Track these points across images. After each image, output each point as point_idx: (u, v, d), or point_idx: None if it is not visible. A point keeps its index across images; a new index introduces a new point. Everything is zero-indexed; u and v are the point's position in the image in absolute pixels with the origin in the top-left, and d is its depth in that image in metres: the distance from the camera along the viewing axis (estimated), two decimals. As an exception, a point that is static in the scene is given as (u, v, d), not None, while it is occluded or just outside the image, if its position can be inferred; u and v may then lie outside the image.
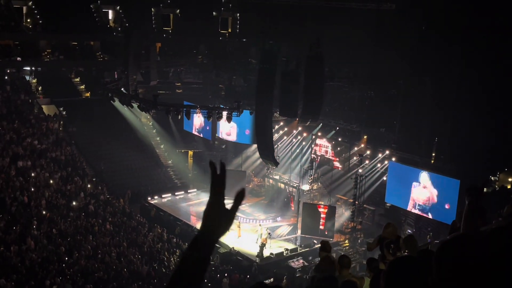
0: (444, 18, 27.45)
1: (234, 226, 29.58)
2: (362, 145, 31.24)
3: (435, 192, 26.70)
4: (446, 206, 25.97)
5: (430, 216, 26.97)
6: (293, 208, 32.87)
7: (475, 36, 25.42)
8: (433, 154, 28.70)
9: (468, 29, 25.72)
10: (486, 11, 25.55)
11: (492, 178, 26.52)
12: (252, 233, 29.29)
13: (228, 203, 1.88)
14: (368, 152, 30.92)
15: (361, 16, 32.12)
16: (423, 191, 27.15)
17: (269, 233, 28.29)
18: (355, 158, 31.17)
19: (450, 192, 25.75)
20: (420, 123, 29.32)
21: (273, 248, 27.75)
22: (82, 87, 40.43)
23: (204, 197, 34.98)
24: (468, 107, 26.04)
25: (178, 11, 41.76)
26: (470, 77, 26.38)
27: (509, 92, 24.18)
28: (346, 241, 29.64)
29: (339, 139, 32.09)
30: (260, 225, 29.44)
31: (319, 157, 33.04)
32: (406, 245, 6.62)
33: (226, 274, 24.90)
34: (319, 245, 8.01)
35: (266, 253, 27.10)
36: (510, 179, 25.79)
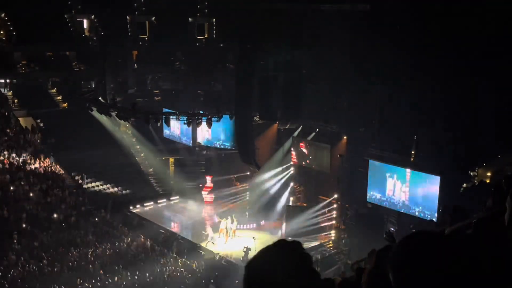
0: (417, 19, 27.72)
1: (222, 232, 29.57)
2: (343, 146, 31.42)
3: (416, 189, 27.00)
4: (427, 203, 26.29)
5: (410, 212, 27.24)
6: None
7: (450, 36, 25.72)
8: (413, 152, 28.97)
9: (441, 29, 26.03)
10: (458, 11, 25.87)
11: (471, 173, 26.84)
12: (238, 238, 29.39)
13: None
14: (348, 152, 31.07)
15: (337, 18, 32.29)
16: (404, 188, 27.43)
17: (253, 237, 28.27)
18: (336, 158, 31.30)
19: (431, 189, 26.08)
20: (398, 122, 29.54)
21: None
22: (59, 97, 39.99)
23: (188, 205, 34.91)
24: (445, 104, 26.37)
25: (153, 18, 41.56)
26: (444, 76, 26.69)
27: (484, 88, 24.51)
28: (330, 242, 29.78)
29: (319, 141, 32.20)
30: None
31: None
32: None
33: (212, 280, 24.79)
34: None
35: (251, 256, 27.01)
36: (488, 174, 26.12)
